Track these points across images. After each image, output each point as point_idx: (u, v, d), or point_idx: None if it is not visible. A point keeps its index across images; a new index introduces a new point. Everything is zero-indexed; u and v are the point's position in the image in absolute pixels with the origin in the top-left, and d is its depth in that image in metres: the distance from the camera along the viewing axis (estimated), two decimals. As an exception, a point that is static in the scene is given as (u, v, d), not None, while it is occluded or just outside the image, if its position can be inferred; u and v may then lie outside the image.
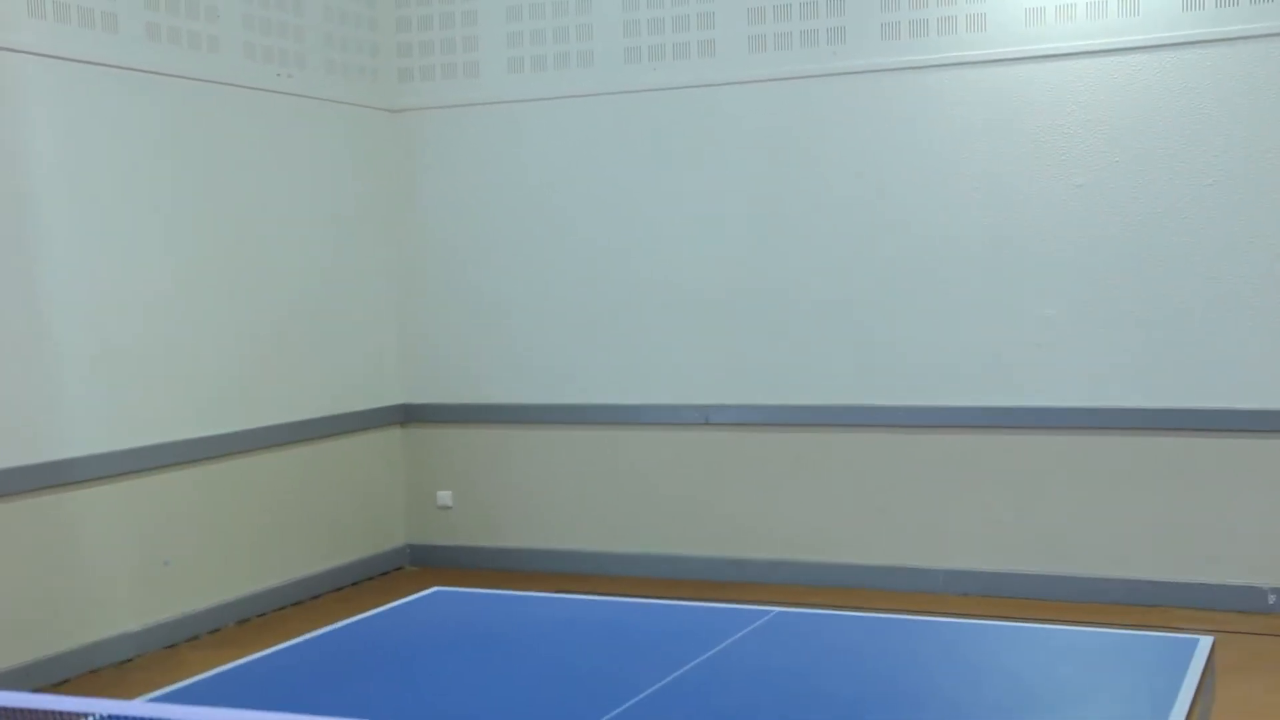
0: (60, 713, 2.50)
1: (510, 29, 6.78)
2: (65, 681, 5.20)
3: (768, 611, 3.51)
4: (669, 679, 2.95)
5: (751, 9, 6.35)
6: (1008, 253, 6.05)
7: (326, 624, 3.63)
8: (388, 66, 6.98)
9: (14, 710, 2.45)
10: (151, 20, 5.63)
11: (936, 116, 6.12)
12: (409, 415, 7.11)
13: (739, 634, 3.29)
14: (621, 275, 6.67)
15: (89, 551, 5.37)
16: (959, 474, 6.17)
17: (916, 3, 6.10)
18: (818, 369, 6.35)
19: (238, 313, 6.09)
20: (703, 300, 6.55)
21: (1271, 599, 5.73)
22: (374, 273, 6.94)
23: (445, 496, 7.07)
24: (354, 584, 6.74)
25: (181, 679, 3.18)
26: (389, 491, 7.04)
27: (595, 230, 6.72)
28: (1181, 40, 5.74)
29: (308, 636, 3.41)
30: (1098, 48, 5.85)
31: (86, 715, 2.55)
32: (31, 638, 5.13)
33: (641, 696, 2.83)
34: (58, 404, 5.27)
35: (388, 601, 3.86)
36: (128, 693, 4.77)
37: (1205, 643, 3.07)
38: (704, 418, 6.55)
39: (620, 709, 2.75)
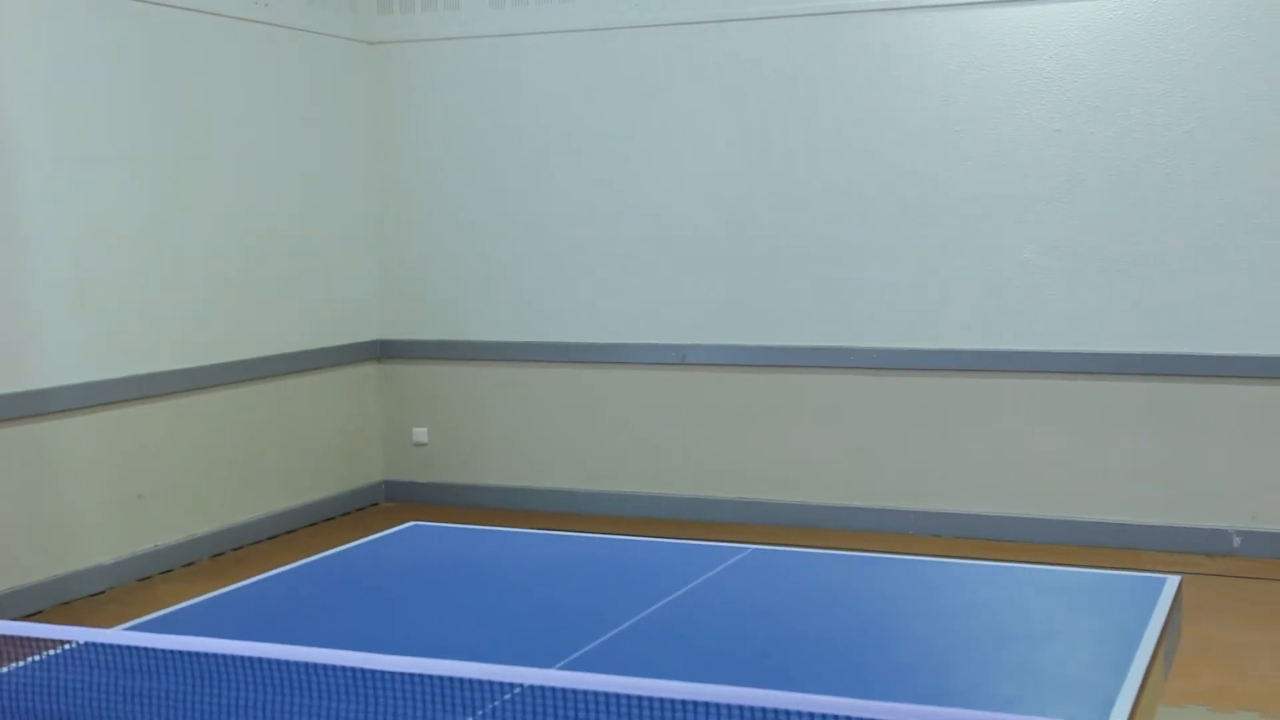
0: (39, 640, 2.52)
1: (490, -38, 6.70)
2: (37, 613, 5.21)
3: (742, 549, 3.54)
4: (643, 614, 2.98)
5: (734, -54, 6.29)
6: (987, 196, 6.05)
7: (301, 559, 3.64)
8: (366, -2, 6.89)
9: (-5, 637, 2.45)
10: (126, -54, 5.54)
11: (917, 58, 6.09)
12: (386, 351, 7.09)
13: (713, 571, 3.32)
14: (601, 213, 6.65)
15: (62, 483, 5.36)
16: (933, 416, 6.21)
17: (900, -58, 6.05)
18: (795, 310, 6.36)
19: (214, 245, 6.05)
20: (682, 239, 6.54)
21: (1236, 541, 5.81)
22: (352, 207, 6.90)
23: (421, 433, 7.07)
24: (329, 519, 6.75)
25: (155, 611, 3.18)
26: (365, 427, 7.04)
27: (575, 167, 6.68)
28: (1164, -15, 5.72)
29: (285, 568, 3.42)
30: (1080, -9, 5.83)
31: (65, 643, 2.56)
32: (3, 569, 5.13)
33: (616, 631, 2.85)
34: (32, 333, 5.23)
35: (363, 537, 3.87)
36: (102, 624, 4.78)
37: (1172, 582, 3.11)
38: (681, 357, 6.56)
39: (594, 644, 2.77)
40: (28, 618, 5.12)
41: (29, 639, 2.50)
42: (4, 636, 2.48)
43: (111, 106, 5.54)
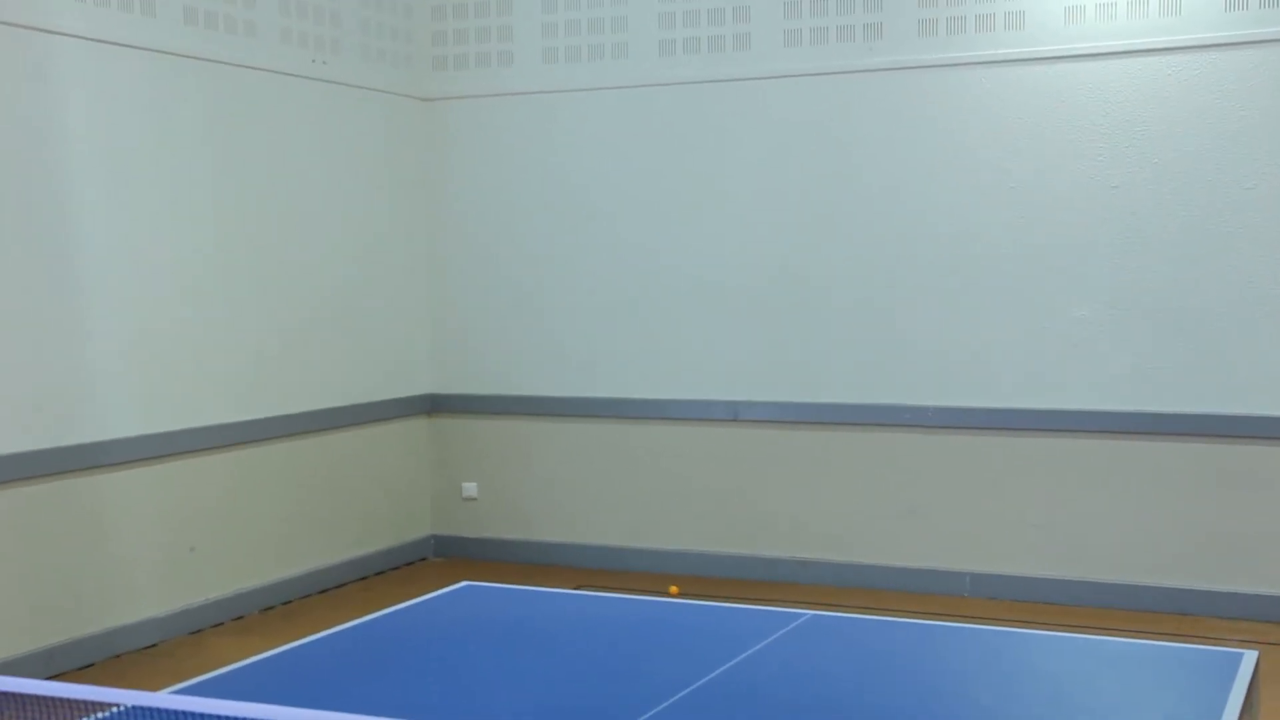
0: (85, 702, 2.49)
1: (545, 19, 6.75)
2: (89, 666, 5.20)
3: (801, 614, 3.47)
4: (705, 680, 2.92)
5: (788, 3, 6.30)
6: (1042, 253, 5.99)
7: (350, 613, 3.61)
8: (422, 54, 6.95)
9: (38, 698, 2.43)
10: (189, 4, 5.61)
11: (973, 115, 6.06)
12: (436, 405, 7.09)
13: (774, 636, 3.25)
14: (651, 268, 6.63)
15: (116, 535, 5.37)
16: (989, 476, 6.12)
17: (955, -1, 6.04)
18: (848, 366, 6.30)
19: (269, 299, 6.08)
20: (733, 295, 6.50)
21: (1304, 609, 5.66)
22: (404, 262, 6.92)
23: (470, 488, 7.04)
24: (378, 574, 6.72)
25: (205, 666, 3.16)
26: (415, 482, 7.03)
27: (626, 223, 6.68)
28: (1224, 41, 5.66)
29: (338, 629, 3.38)
30: (1138, 47, 5.78)
31: (113, 706, 2.53)
32: (57, 621, 5.13)
33: (678, 697, 2.79)
34: (89, 387, 5.26)
35: (412, 592, 3.84)
36: (152, 679, 4.77)
37: (1250, 657, 3.02)
38: (733, 414, 6.51)
39: (657, 709, 2.72)
40: (79, 671, 5.11)
41: (77, 701, 2.46)
42: (52, 699, 2.45)
43: (170, 162, 5.60)
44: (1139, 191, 5.85)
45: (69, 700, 2.43)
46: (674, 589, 5.83)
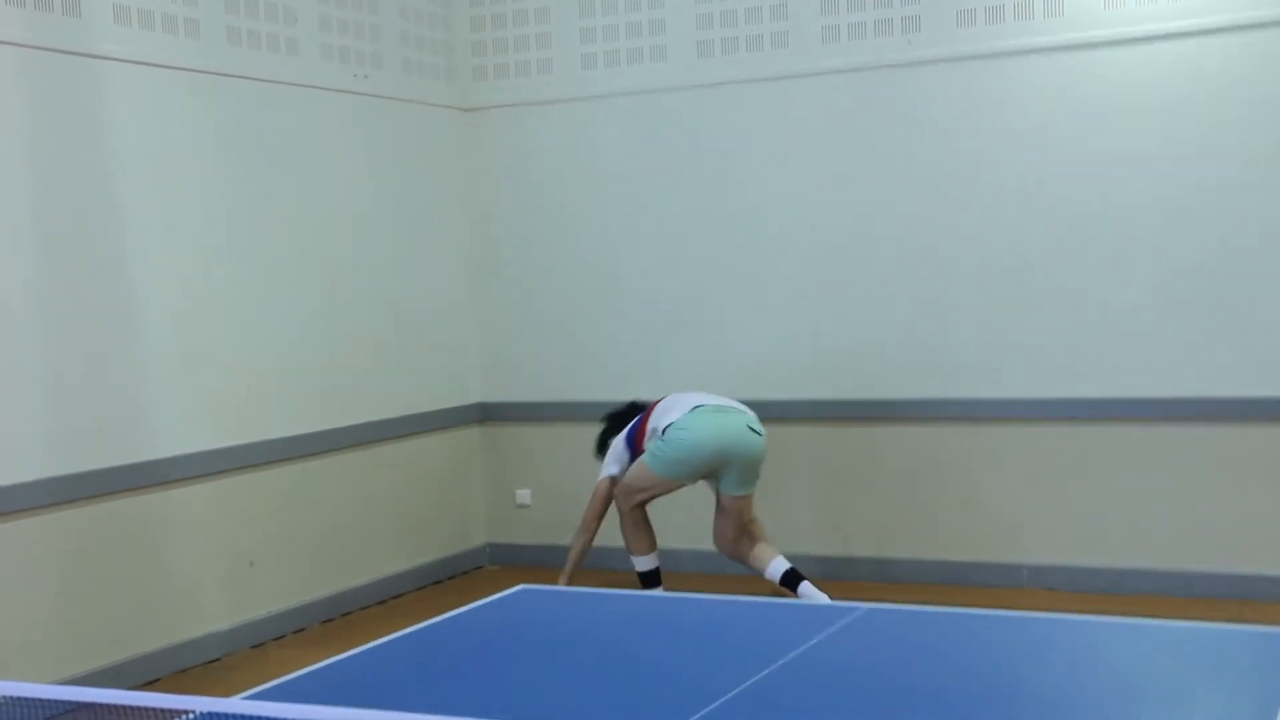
0: (161, 710, 2.54)
1: (582, 25, 6.78)
2: (155, 681, 5.27)
3: (855, 608, 3.47)
4: (759, 676, 2.93)
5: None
6: (1089, 240, 5.95)
7: (409, 623, 3.64)
8: (462, 65, 7.01)
9: (119, 708, 2.48)
10: (232, 24, 5.69)
11: (1015, 104, 6.03)
12: (487, 414, 7.13)
13: (829, 630, 3.26)
14: (697, 271, 6.64)
15: (178, 552, 5.45)
16: (1042, 467, 6.08)
17: (993, -11, 6.01)
18: (897, 361, 6.28)
19: (319, 314, 6.14)
20: (777, 295, 6.50)
21: (1369, 591, 5.59)
22: (452, 272, 6.98)
23: (524, 495, 7.08)
24: (435, 583, 6.77)
25: (268, 677, 3.20)
26: (469, 490, 7.07)
27: (670, 226, 6.69)
28: (1270, 20, 5.61)
29: (398, 634, 3.42)
30: (1180, 30, 5.74)
31: (186, 713, 2.58)
32: (123, 637, 5.21)
33: (733, 694, 2.81)
34: (146, 406, 5.34)
35: (469, 600, 3.87)
36: (219, 691, 4.83)
37: (1311, 637, 3.00)
38: (783, 413, 6.49)
39: (712, 706, 2.73)
40: (145, 685, 5.18)
41: (152, 709, 2.52)
42: (127, 707, 2.51)
43: (217, 180, 5.67)
44: (1185, 173, 5.80)
45: (149, 709, 2.49)
46: None
